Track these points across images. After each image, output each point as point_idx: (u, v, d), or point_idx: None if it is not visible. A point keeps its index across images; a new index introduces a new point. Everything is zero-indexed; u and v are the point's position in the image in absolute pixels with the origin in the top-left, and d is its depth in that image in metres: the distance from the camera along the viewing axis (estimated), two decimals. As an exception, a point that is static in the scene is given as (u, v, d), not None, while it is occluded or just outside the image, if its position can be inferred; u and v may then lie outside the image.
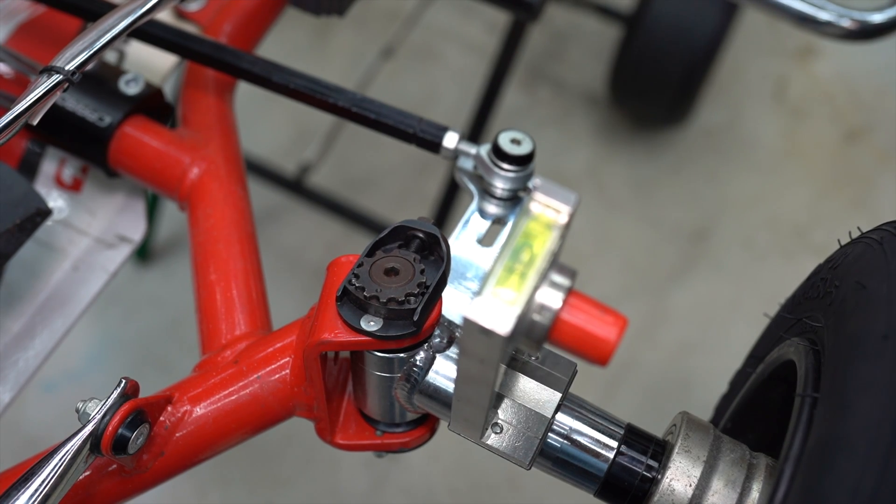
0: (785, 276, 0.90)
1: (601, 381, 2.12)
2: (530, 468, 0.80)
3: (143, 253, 2.23)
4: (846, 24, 1.24)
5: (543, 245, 0.59)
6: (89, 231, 1.12)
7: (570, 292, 0.62)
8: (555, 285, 0.61)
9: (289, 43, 2.59)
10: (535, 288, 0.60)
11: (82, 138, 1.06)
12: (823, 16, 1.27)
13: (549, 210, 0.60)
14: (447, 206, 2.04)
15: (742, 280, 2.31)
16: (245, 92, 1.27)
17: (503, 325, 0.57)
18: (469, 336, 0.59)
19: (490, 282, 0.58)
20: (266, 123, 2.46)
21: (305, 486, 2.01)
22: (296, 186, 2.20)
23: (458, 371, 0.68)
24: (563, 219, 0.60)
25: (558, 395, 0.78)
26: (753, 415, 0.94)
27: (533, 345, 0.63)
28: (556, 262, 0.63)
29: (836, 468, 0.60)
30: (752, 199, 2.46)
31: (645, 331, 2.22)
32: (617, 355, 2.31)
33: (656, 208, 2.43)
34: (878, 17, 1.24)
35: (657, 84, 2.28)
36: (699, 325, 2.24)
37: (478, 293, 0.58)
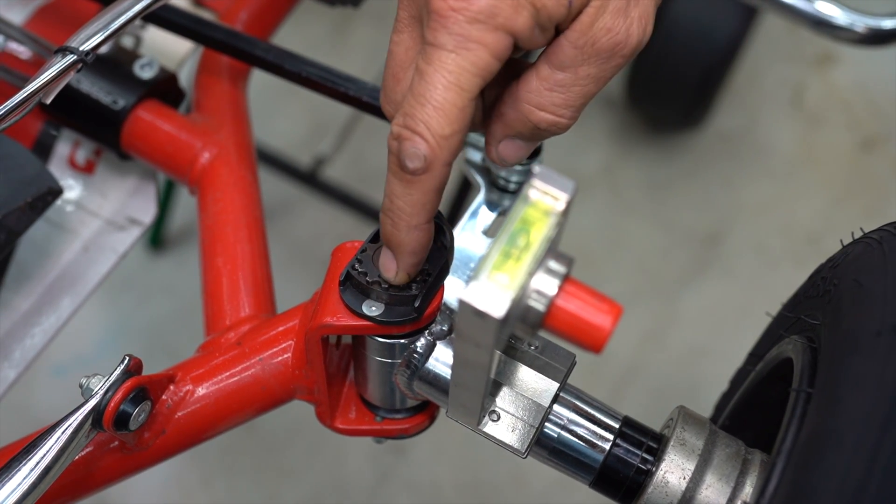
0: (796, 282, 0.90)
1: (608, 382, 2.12)
2: (526, 457, 0.81)
3: (157, 240, 2.25)
4: (860, 28, 1.25)
5: (541, 231, 0.60)
6: (100, 213, 1.13)
7: (566, 279, 0.62)
8: (551, 272, 0.62)
9: (307, 37, 2.60)
10: (531, 273, 0.60)
11: (96, 120, 1.08)
12: (838, 20, 1.27)
13: (547, 197, 0.61)
14: (459, 202, 2.05)
15: (753, 286, 2.31)
16: (263, 84, 1.28)
17: (498, 308, 0.58)
18: (464, 319, 0.60)
19: (486, 266, 0.59)
20: (282, 116, 2.48)
21: (310, 478, 2.02)
22: (310, 179, 2.21)
23: (455, 355, 0.69)
24: (560, 206, 0.61)
25: (556, 385, 0.79)
26: (751, 412, 0.94)
27: (528, 330, 0.64)
28: (553, 250, 0.63)
29: (824, 461, 0.60)
30: (766, 205, 2.45)
31: (654, 333, 2.22)
32: (624, 357, 2.31)
33: (669, 211, 2.43)
34: (889, 24, 1.24)
35: (674, 87, 2.28)
36: (709, 330, 2.24)
37: (474, 276, 0.58)
